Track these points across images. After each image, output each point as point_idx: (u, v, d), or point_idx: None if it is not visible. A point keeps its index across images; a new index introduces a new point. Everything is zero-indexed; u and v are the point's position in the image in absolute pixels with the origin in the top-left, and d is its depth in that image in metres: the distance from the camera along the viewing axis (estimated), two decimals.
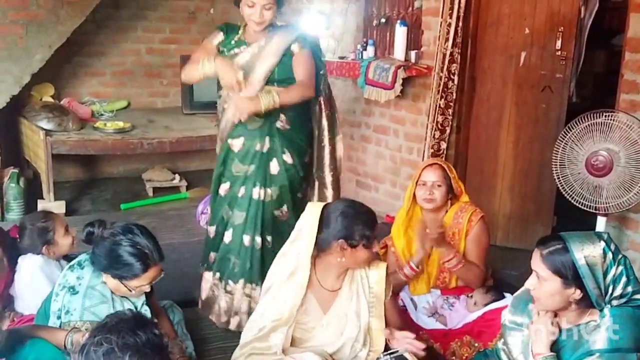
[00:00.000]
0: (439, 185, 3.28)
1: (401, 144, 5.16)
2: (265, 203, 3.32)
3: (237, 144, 3.33)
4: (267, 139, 3.27)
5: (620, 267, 2.11)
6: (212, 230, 3.50)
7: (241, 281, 3.35)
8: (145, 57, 6.57)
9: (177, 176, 6.10)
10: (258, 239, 3.31)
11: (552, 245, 2.18)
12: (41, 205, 5.13)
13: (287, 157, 3.31)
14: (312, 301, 2.66)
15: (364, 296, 2.66)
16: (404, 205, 3.45)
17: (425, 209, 3.34)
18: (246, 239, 3.32)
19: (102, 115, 6.02)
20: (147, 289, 2.56)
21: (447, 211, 3.35)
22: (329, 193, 3.49)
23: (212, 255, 3.48)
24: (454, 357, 3.00)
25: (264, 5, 3.12)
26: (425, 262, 3.31)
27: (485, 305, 3.15)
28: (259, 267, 3.31)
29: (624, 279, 2.10)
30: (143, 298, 2.63)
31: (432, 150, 4.53)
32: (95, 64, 6.37)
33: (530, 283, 2.25)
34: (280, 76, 3.23)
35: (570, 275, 2.12)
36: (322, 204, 2.65)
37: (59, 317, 2.49)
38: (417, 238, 3.21)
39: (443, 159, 4.47)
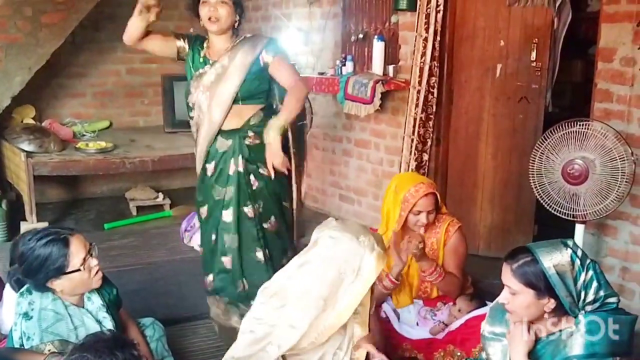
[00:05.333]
0: (433, 210, 3.31)
1: (382, 157, 5.19)
2: (255, 219, 3.31)
3: (210, 167, 3.34)
4: (240, 158, 3.26)
5: (590, 272, 2.13)
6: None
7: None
8: (126, 77, 6.57)
9: (160, 194, 6.08)
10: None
11: (521, 259, 2.20)
12: (24, 227, 5.12)
13: (264, 170, 3.29)
14: None
15: None
16: (390, 226, 3.40)
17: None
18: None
19: (83, 135, 6.01)
20: (95, 262, 2.52)
21: None
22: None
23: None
24: None
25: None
26: (405, 274, 3.33)
27: (470, 312, 3.18)
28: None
29: (594, 283, 2.13)
30: (99, 304, 2.60)
31: (416, 163, 4.55)
32: (76, 86, 6.37)
33: (503, 297, 2.26)
34: (244, 94, 3.22)
35: (542, 286, 2.14)
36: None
37: (21, 345, 2.45)
38: (393, 250, 3.22)
39: (425, 171, 4.51)
